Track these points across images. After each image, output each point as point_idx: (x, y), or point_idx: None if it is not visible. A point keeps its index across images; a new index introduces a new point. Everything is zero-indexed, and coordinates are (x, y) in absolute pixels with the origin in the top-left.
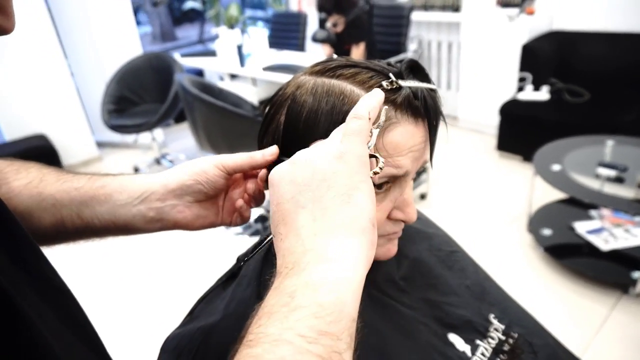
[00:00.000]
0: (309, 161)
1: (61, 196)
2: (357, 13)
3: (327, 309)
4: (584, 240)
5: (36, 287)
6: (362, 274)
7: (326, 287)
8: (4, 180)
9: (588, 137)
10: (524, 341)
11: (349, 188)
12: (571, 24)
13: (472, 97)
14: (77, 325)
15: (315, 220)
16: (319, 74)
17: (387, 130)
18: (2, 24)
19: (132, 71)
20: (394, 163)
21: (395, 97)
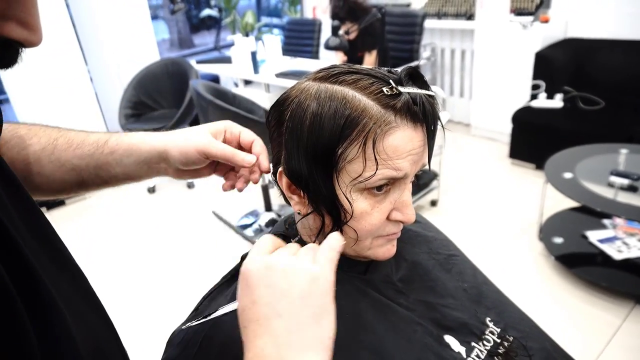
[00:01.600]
0: (286, 273)
1: (78, 162)
2: (370, 20)
3: None
4: (597, 249)
5: (51, 257)
6: None
7: None
8: (22, 144)
9: (601, 145)
10: (518, 344)
11: (321, 310)
12: (586, 32)
13: (485, 104)
14: (86, 293)
15: (290, 333)
16: (322, 79)
17: (387, 134)
18: (29, 38)
19: (149, 77)
20: (393, 166)
21: (395, 103)
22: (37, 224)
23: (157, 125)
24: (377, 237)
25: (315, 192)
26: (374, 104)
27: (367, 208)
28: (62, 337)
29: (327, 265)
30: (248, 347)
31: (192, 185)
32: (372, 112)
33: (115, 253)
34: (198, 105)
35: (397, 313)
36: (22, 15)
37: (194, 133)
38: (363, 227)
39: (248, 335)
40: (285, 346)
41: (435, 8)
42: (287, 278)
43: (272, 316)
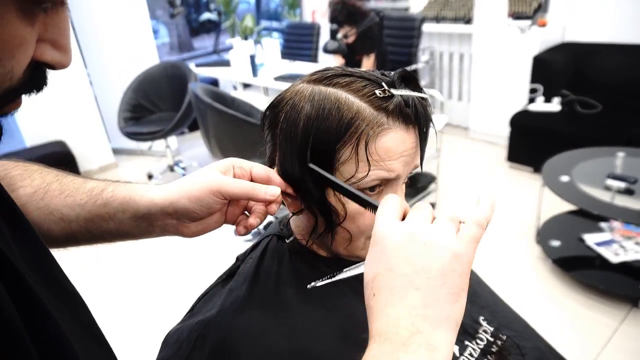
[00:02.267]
0: (428, 247)
1: (67, 212)
2: (368, 24)
3: None
4: (594, 253)
5: (52, 290)
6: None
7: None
8: (12, 186)
9: (598, 148)
10: (512, 343)
11: (459, 289)
12: (584, 36)
13: (483, 108)
14: (87, 325)
15: (426, 307)
16: (316, 82)
17: (379, 135)
18: (62, 60)
19: (148, 80)
20: (386, 167)
21: (387, 105)
22: (38, 257)
23: (156, 128)
24: (369, 237)
25: (309, 193)
26: (367, 106)
27: (360, 208)
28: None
29: (471, 244)
30: (378, 315)
31: None
32: (364, 114)
33: (112, 253)
34: (197, 108)
35: None
36: (57, 38)
37: (201, 175)
38: (356, 227)
39: (379, 302)
40: (420, 318)
41: (433, 12)
42: (429, 253)
43: (409, 288)
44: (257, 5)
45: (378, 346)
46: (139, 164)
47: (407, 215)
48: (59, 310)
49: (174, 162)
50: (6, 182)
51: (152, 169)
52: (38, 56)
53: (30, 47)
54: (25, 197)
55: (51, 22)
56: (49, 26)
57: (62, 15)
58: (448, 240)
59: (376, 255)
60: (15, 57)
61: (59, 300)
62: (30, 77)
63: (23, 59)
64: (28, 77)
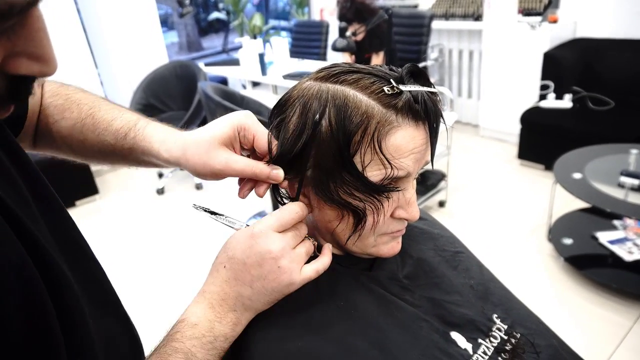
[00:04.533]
0: (264, 261)
1: (104, 147)
2: (377, 22)
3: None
4: (607, 251)
5: (72, 255)
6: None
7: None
8: (55, 117)
9: (610, 145)
10: (526, 341)
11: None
12: (595, 32)
13: (493, 105)
14: (103, 290)
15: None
16: (323, 79)
17: (388, 133)
18: (42, 70)
19: (158, 79)
20: (397, 165)
21: (396, 102)
22: (60, 223)
23: None
24: (381, 234)
25: (324, 193)
26: (375, 103)
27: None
28: (84, 334)
29: (304, 280)
30: (207, 279)
31: (200, 187)
32: (373, 113)
33: (124, 253)
34: (206, 107)
35: (402, 309)
36: (31, 50)
37: (207, 150)
38: (367, 225)
39: (211, 271)
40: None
41: (442, 9)
42: (261, 265)
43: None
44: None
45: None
46: None
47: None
48: (75, 273)
49: None
50: (50, 111)
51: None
52: (13, 70)
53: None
54: (67, 129)
55: (19, 35)
56: (17, 40)
57: (33, 26)
58: (289, 269)
59: (238, 243)
60: None
61: (77, 266)
62: (8, 90)
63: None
64: (5, 90)
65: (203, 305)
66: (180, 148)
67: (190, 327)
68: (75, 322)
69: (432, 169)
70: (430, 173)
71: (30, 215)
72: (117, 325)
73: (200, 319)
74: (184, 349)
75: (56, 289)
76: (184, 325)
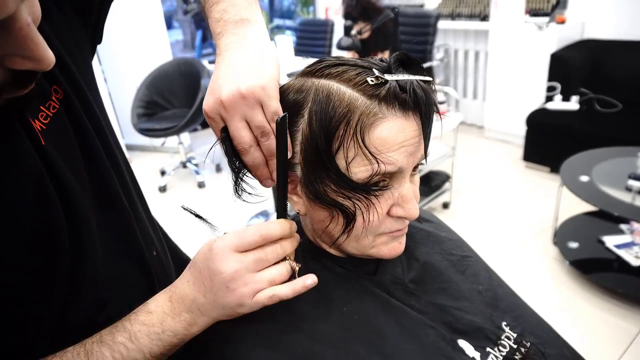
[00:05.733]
0: (223, 278)
1: None
2: (382, 20)
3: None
4: (613, 255)
5: (101, 200)
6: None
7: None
8: None
9: (618, 148)
10: (536, 350)
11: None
12: (603, 33)
13: (499, 106)
14: (124, 241)
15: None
16: (308, 74)
17: (372, 126)
18: (35, 67)
19: (162, 76)
20: (385, 160)
21: (379, 92)
22: (102, 177)
23: (169, 125)
24: (379, 234)
25: (312, 192)
26: (359, 95)
27: (362, 205)
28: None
29: (257, 305)
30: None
31: (202, 185)
32: (356, 104)
33: None
34: None
35: (408, 316)
36: (20, 52)
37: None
38: (359, 224)
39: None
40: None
41: (449, 9)
42: (212, 281)
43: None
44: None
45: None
46: (151, 160)
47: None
48: (100, 218)
49: (186, 159)
50: None
51: (164, 166)
52: (10, 66)
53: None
54: None
55: (6, 42)
56: (6, 45)
57: (18, 34)
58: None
59: (206, 257)
60: None
61: (106, 209)
62: (13, 79)
63: None
64: (10, 78)
65: (165, 297)
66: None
67: (145, 313)
68: (82, 235)
69: (437, 170)
70: (435, 174)
71: (73, 165)
72: (134, 270)
73: (156, 309)
74: (131, 330)
75: (69, 200)
76: (142, 308)
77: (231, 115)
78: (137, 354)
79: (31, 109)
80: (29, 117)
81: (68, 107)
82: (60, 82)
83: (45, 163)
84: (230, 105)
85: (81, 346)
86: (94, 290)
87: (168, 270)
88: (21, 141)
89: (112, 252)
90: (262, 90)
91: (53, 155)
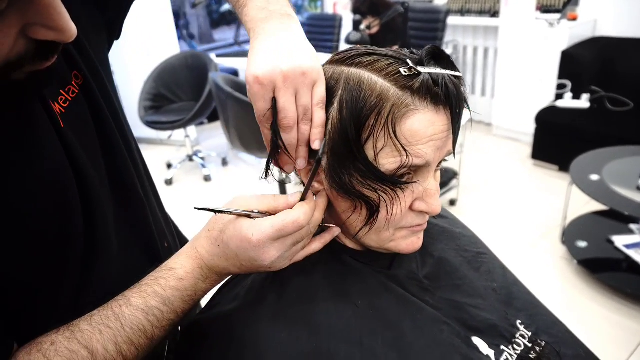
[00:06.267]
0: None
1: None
2: (392, 16)
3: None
4: (622, 255)
5: (118, 193)
6: None
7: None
8: None
9: (629, 147)
10: (551, 350)
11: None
12: (616, 30)
13: (508, 104)
14: (140, 232)
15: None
16: (338, 63)
17: (404, 117)
18: (56, 37)
19: (169, 69)
20: (414, 152)
21: (412, 83)
22: (118, 169)
23: (176, 118)
24: (399, 228)
25: (337, 182)
26: (391, 85)
27: (386, 198)
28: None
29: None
30: (203, 242)
31: (209, 179)
32: (388, 95)
33: None
34: (217, 98)
35: (423, 311)
36: (42, 21)
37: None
38: (380, 218)
39: (208, 236)
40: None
41: (458, 4)
42: (252, 264)
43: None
44: None
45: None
46: (158, 153)
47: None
48: (115, 206)
49: (193, 152)
50: None
51: (171, 159)
52: (33, 36)
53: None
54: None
55: (28, 10)
56: (28, 13)
57: (41, 3)
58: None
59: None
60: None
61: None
62: (35, 49)
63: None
64: (33, 49)
65: (193, 263)
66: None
67: (176, 279)
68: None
69: (444, 167)
70: (442, 171)
71: (91, 152)
72: (145, 261)
73: (187, 276)
74: (164, 295)
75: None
76: (170, 274)
77: (287, 87)
78: (172, 315)
79: (51, 91)
80: (48, 99)
81: (87, 93)
82: (81, 68)
83: (64, 146)
84: (290, 77)
85: (108, 309)
86: (104, 281)
87: None
88: (43, 122)
89: (125, 241)
90: (319, 74)
91: (71, 139)
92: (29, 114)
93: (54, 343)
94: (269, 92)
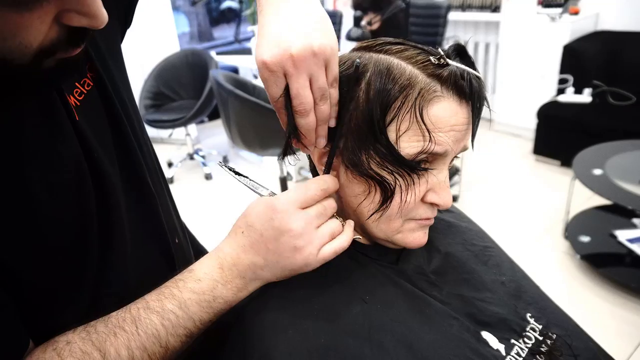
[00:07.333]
0: (282, 235)
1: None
2: (393, 11)
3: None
4: (626, 249)
5: (132, 192)
6: None
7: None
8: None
9: (632, 141)
10: (563, 343)
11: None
12: (618, 24)
13: (509, 99)
14: (151, 226)
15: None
16: (367, 49)
17: (431, 102)
18: (90, 24)
19: (169, 67)
20: (435, 139)
21: (441, 72)
22: (131, 167)
23: (177, 116)
24: (409, 219)
25: (353, 162)
26: (420, 72)
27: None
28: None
29: (321, 262)
30: (226, 238)
31: (209, 177)
32: (417, 80)
33: None
34: (218, 95)
35: (431, 306)
36: (77, 7)
37: None
38: (395, 204)
39: (230, 232)
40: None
41: (459, 0)
42: (278, 241)
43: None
44: None
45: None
46: (159, 151)
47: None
48: (129, 201)
49: (193, 151)
50: None
51: (172, 157)
52: (67, 22)
53: (34, 25)
54: None
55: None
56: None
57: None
58: (308, 247)
59: (261, 211)
60: (18, 36)
61: (136, 199)
62: (67, 36)
63: (30, 36)
64: (65, 36)
65: (214, 263)
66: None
67: (194, 280)
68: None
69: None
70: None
71: (105, 145)
72: (158, 257)
73: (205, 277)
74: (180, 298)
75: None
76: (189, 276)
77: (299, 71)
78: (188, 322)
79: (68, 83)
80: (64, 91)
81: (101, 86)
82: (94, 61)
83: (79, 139)
84: (301, 61)
85: (126, 312)
86: (120, 275)
87: (189, 260)
88: (61, 113)
89: (139, 236)
90: (331, 50)
91: (86, 131)
92: (51, 104)
93: (69, 343)
94: (281, 78)
